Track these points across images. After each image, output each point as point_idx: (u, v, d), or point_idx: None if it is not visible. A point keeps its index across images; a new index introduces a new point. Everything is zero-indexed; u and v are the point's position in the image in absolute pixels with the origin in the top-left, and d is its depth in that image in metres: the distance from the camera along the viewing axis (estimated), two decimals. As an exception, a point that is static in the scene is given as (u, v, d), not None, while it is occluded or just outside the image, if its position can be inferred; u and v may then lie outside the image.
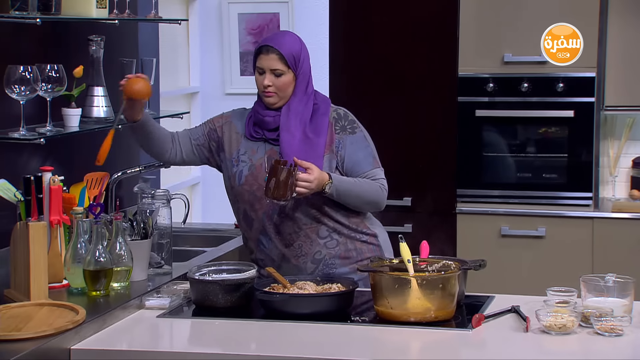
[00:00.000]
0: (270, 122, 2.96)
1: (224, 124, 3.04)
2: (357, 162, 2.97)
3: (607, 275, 2.52)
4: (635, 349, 2.32)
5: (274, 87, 2.92)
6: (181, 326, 2.61)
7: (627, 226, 4.26)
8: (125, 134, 3.11)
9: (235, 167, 2.98)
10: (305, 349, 2.39)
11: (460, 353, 2.37)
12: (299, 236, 2.94)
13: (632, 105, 4.39)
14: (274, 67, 2.91)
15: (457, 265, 2.63)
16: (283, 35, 2.99)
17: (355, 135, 3.00)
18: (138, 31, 3.85)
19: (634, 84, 4.34)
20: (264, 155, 2.94)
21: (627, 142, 4.58)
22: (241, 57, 5.09)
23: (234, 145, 3.00)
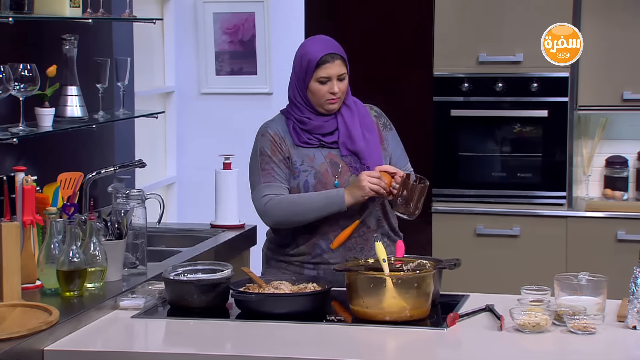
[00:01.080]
0: (327, 126, 2.95)
1: (280, 142, 2.95)
2: (398, 157, 3.05)
3: (580, 274, 2.54)
4: (607, 347, 2.34)
5: (340, 91, 2.93)
6: (156, 326, 2.60)
7: (601, 225, 4.29)
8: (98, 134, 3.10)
9: (296, 178, 2.94)
10: (280, 349, 2.39)
11: (435, 352, 2.38)
12: (363, 239, 2.95)
13: (605, 105, 4.43)
14: (341, 72, 2.93)
15: (432, 265, 2.64)
16: (328, 39, 2.98)
17: (392, 132, 3.09)
18: (112, 30, 3.83)
19: (607, 84, 4.38)
20: (324, 160, 2.93)
21: (601, 141, 4.62)
22: (217, 56, 5.08)
23: (290, 158, 2.96)
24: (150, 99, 4.92)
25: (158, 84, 5.08)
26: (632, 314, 2.42)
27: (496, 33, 4.37)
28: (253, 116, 5.10)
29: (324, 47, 2.92)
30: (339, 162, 2.94)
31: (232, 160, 3.79)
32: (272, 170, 2.93)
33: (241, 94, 5.09)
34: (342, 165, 2.94)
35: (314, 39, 2.99)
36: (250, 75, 5.05)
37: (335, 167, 2.93)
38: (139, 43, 4.41)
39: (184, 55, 5.13)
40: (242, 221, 3.78)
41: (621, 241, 4.24)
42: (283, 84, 5.05)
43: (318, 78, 2.90)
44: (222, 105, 5.12)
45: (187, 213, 5.16)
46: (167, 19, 5.07)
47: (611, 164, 4.59)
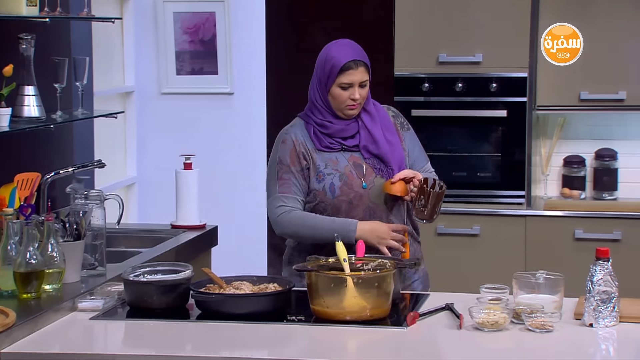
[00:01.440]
0: (348, 130, 2.95)
1: (300, 150, 2.94)
2: (416, 157, 3.05)
3: (538, 272, 2.57)
4: (564, 344, 2.37)
5: (360, 98, 2.92)
6: (115, 328, 2.58)
7: (559, 223, 4.34)
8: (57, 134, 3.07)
9: (321, 181, 2.93)
10: (241, 349, 2.39)
11: (396, 351, 2.39)
12: None
13: (563, 105, 4.48)
14: (363, 79, 2.92)
15: (392, 264, 2.65)
16: (354, 45, 2.96)
17: (410, 131, 3.09)
18: (70, 29, 3.79)
19: (565, 84, 4.43)
20: (348, 163, 2.94)
21: (559, 141, 4.68)
22: (177, 56, 5.05)
23: (312, 161, 2.95)
24: (109, 98, 4.88)
25: (118, 84, 5.04)
26: (589, 312, 2.46)
27: (456, 33, 4.40)
28: (214, 116, 5.11)
29: (348, 53, 2.91)
30: (362, 164, 2.95)
31: (193, 160, 3.77)
32: (290, 180, 2.93)
33: (202, 93, 5.07)
34: (366, 167, 2.95)
35: (340, 43, 2.97)
36: (211, 75, 5.03)
37: (359, 169, 2.94)
38: (97, 42, 4.38)
39: (143, 55, 5.10)
40: (203, 221, 3.76)
41: (579, 240, 4.29)
42: (244, 83, 5.08)
43: (340, 84, 2.91)
44: (182, 105, 5.10)
45: (147, 213, 5.13)
46: (127, 18, 5.03)
47: (569, 164, 4.65)
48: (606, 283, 2.43)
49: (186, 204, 3.72)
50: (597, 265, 2.45)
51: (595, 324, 2.45)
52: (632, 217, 4.28)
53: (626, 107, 4.42)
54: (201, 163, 4.08)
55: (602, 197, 4.59)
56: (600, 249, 2.45)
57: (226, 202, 5.04)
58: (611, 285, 2.44)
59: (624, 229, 4.26)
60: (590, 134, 4.68)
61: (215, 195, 4.95)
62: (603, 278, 2.43)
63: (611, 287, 2.44)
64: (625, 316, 2.49)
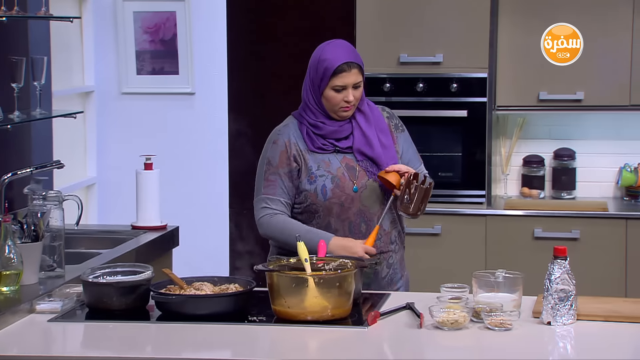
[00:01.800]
0: (342, 132, 2.93)
1: (292, 152, 2.92)
2: (410, 159, 3.04)
3: (497, 271, 2.59)
4: (523, 342, 2.39)
5: (354, 99, 2.90)
6: (74, 330, 2.55)
7: (519, 223, 4.38)
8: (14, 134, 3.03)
9: (313, 183, 2.91)
10: (201, 350, 2.38)
11: (356, 351, 2.40)
12: (381, 242, 2.94)
13: (522, 105, 4.52)
14: (357, 81, 2.89)
15: (353, 264, 2.65)
16: (347, 46, 2.93)
17: (405, 133, 3.08)
18: (28, 29, 3.75)
19: (524, 84, 4.47)
20: (340, 165, 2.92)
21: (518, 141, 4.72)
22: (137, 55, 5.02)
23: (304, 163, 2.93)
24: (69, 98, 4.84)
25: (77, 84, 4.99)
26: (547, 310, 2.48)
27: (417, 34, 4.42)
28: (175, 116, 5.09)
29: (342, 54, 2.88)
30: (355, 166, 2.94)
31: (154, 160, 3.75)
32: (276, 182, 2.92)
33: (163, 93, 5.05)
34: (358, 169, 2.94)
35: (333, 44, 2.93)
36: (171, 75, 5.01)
37: (352, 171, 2.93)
38: (56, 42, 4.33)
39: (103, 55, 5.06)
40: (164, 222, 3.74)
41: (538, 239, 4.33)
42: (205, 83, 5.06)
43: (333, 86, 2.88)
44: (143, 105, 5.07)
45: (107, 214, 5.09)
46: (86, 18, 4.99)
47: (528, 163, 4.70)
48: (564, 281, 2.46)
49: (147, 205, 3.70)
50: (555, 263, 2.47)
51: (553, 322, 2.48)
52: (590, 216, 4.33)
53: (584, 108, 4.47)
54: (162, 163, 4.05)
55: (561, 197, 4.64)
56: (558, 248, 2.48)
57: (187, 202, 5.02)
58: (569, 284, 2.46)
59: (582, 228, 4.32)
60: (549, 134, 4.73)
61: (177, 195, 4.93)
62: (561, 276, 2.46)
63: (569, 286, 2.46)
64: (583, 314, 2.52)
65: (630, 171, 4.56)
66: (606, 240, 4.29)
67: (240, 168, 4.83)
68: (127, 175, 4.23)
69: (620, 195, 4.67)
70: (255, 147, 4.76)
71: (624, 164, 4.61)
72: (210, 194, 5.03)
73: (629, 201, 4.58)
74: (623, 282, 4.28)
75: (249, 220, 4.75)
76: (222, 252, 4.91)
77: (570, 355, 2.38)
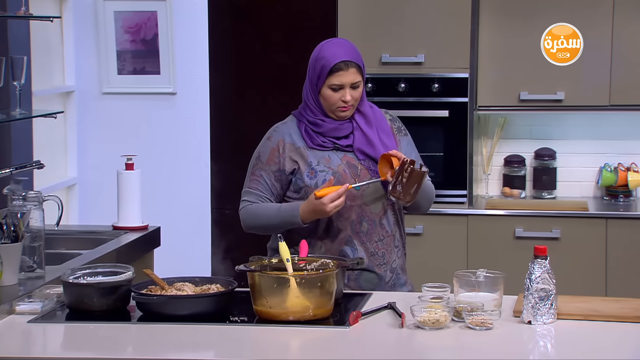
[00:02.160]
0: (342, 130, 2.90)
1: (282, 152, 2.91)
2: None
3: (478, 270, 2.60)
4: (503, 341, 2.40)
5: (353, 99, 2.86)
6: (54, 331, 2.54)
7: (500, 222, 4.40)
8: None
9: (314, 178, 2.88)
10: (183, 351, 2.37)
11: (338, 350, 2.40)
12: (384, 244, 2.91)
13: (503, 105, 4.54)
14: (355, 80, 2.84)
15: (335, 264, 2.65)
16: (347, 45, 2.88)
17: (407, 137, 3.04)
18: (8, 28, 3.72)
19: (505, 84, 4.49)
20: (341, 162, 2.89)
21: (500, 141, 4.74)
22: (118, 55, 5.00)
23: (302, 158, 2.90)
24: (49, 98, 4.81)
25: (57, 84, 4.97)
26: (527, 309, 2.49)
27: (398, 34, 4.43)
28: (156, 116, 5.07)
29: (339, 53, 2.84)
30: (356, 164, 2.90)
31: (135, 160, 3.74)
32: (260, 178, 2.92)
33: (144, 93, 5.03)
34: (360, 168, 2.90)
35: (332, 43, 2.90)
36: (153, 75, 5.00)
37: (353, 169, 2.89)
38: (36, 41, 4.31)
39: (84, 54, 5.03)
40: (145, 222, 3.73)
41: (519, 238, 4.35)
42: (187, 83, 5.05)
43: (330, 85, 2.84)
44: (124, 105, 5.05)
45: (88, 215, 5.07)
46: (66, 17, 4.97)
47: (509, 163, 4.72)
48: (544, 281, 2.47)
49: (128, 205, 3.69)
50: (535, 263, 2.48)
51: (533, 321, 2.49)
52: (570, 215, 4.36)
53: (564, 108, 4.50)
54: (144, 164, 4.04)
55: (542, 196, 4.66)
56: (538, 247, 2.49)
57: (169, 203, 5.00)
58: (549, 283, 2.48)
59: (563, 227, 4.34)
60: (530, 134, 4.76)
61: (158, 196, 4.92)
62: (541, 276, 2.47)
63: (549, 285, 2.48)
64: (563, 313, 2.54)
65: (610, 171, 4.59)
66: (586, 239, 4.32)
67: (221, 168, 4.82)
68: (108, 175, 4.22)
69: (600, 195, 4.70)
70: (237, 147, 4.77)
71: (604, 163, 4.64)
72: (191, 194, 5.02)
73: (608, 201, 4.61)
74: (603, 281, 4.31)
75: (230, 221, 4.75)
76: (203, 252, 4.90)
77: (551, 354, 2.40)
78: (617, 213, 4.36)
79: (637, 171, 4.60)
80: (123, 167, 3.71)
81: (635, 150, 4.67)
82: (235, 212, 3.02)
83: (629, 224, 4.31)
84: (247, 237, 4.72)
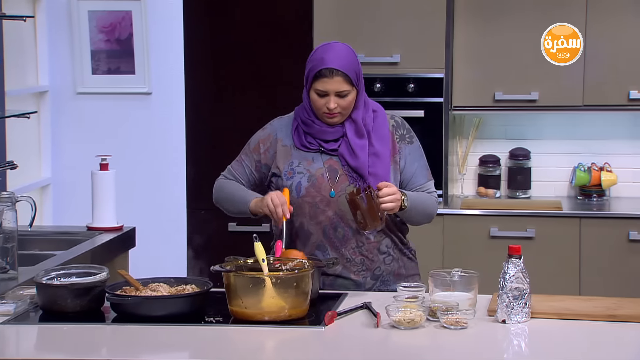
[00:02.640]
0: (330, 133, 2.86)
1: (269, 147, 2.91)
2: (413, 173, 2.91)
3: (453, 270, 2.61)
4: (478, 340, 2.41)
5: (339, 107, 2.81)
6: (28, 332, 2.52)
7: (475, 222, 4.42)
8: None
9: (290, 179, 2.86)
10: (158, 352, 2.36)
11: (313, 350, 2.40)
12: (362, 251, 2.87)
13: (478, 106, 4.56)
14: (340, 89, 2.78)
15: (310, 264, 2.65)
16: (339, 51, 2.80)
17: (412, 145, 2.94)
18: (-19, 27, 3.69)
19: (480, 84, 4.52)
20: (323, 166, 2.86)
21: (475, 141, 4.76)
22: (93, 55, 4.97)
23: (285, 159, 2.89)
24: (23, 98, 4.78)
25: (31, 83, 4.93)
26: (502, 308, 2.51)
27: (374, 34, 4.44)
28: (131, 116, 5.05)
29: (327, 59, 2.78)
30: (338, 169, 2.87)
31: (110, 161, 3.72)
32: (243, 162, 2.97)
33: (119, 93, 5.00)
34: (340, 173, 2.86)
35: (326, 47, 2.83)
36: (128, 75, 4.97)
37: (333, 174, 2.86)
38: (9, 41, 4.28)
39: (58, 54, 5.00)
40: (120, 223, 3.71)
41: (494, 237, 4.37)
42: (162, 83, 5.03)
43: (315, 89, 2.81)
44: (99, 105, 5.02)
45: (63, 215, 5.03)
46: (40, 17, 4.93)
47: (484, 163, 4.74)
48: (518, 280, 2.49)
49: (103, 206, 3.67)
50: (510, 262, 2.50)
51: (507, 320, 2.50)
52: (545, 215, 4.39)
53: (538, 108, 4.53)
54: (118, 164, 4.02)
55: (516, 196, 4.69)
56: (512, 247, 2.50)
57: (144, 203, 4.98)
58: (523, 282, 2.49)
59: (537, 227, 4.36)
60: (505, 134, 4.78)
61: (133, 196, 4.89)
62: (515, 275, 2.49)
63: (523, 284, 2.49)
64: (537, 312, 2.55)
65: (583, 171, 4.63)
66: (560, 238, 4.35)
67: (197, 168, 4.80)
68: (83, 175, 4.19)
69: (574, 195, 4.73)
70: (213, 147, 4.76)
71: (578, 163, 4.68)
72: (167, 194, 5.00)
73: (582, 200, 4.65)
74: (577, 279, 4.34)
75: (206, 221, 4.73)
76: (179, 253, 4.88)
77: (524, 352, 2.41)
78: (590, 212, 4.39)
79: (610, 171, 4.64)
80: (98, 167, 3.69)
81: (609, 150, 4.71)
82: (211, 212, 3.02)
83: (602, 223, 4.35)
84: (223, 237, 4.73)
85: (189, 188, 4.85)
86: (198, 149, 4.82)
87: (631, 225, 4.30)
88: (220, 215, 3.23)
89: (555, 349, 2.37)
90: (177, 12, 4.78)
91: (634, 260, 4.30)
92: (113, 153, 3.96)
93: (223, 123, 4.69)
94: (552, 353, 2.34)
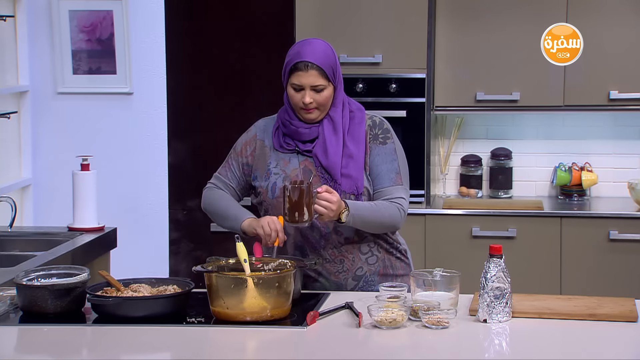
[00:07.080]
0: (305, 134, 2.84)
1: (254, 148, 2.91)
2: (378, 174, 2.86)
3: (435, 269, 2.62)
4: (459, 340, 2.42)
5: (315, 102, 2.79)
6: (7, 334, 2.50)
7: (457, 222, 4.43)
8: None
9: (267, 180, 2.86)
10: (140, 353, 2.36)
11: (295, 350, 2.40)
12: (341, 251, 2.85)
13: (460, 106, 4.57)
14: (315, 83, 2.78)
15: (292, 264, 2.65)
16: (315, 46, 2.80)
17: (385, 146, 2.88)
18: (-40, 27, 3.67)
19: (462, 84, 4.53)
20: (299, 166, 2.85)
21: (457, 141, 4.78)
22: (74, 55, 4.94)
23: (264, 160, 2.89)
24: (2, 98, 4.74)
25: (11, 83, 4.90)
26: (483, 308, 2.51)
27: (356, 34, 4.44)
28: (112, 116, 5.02)
29: (303, 53, 2.78)
30: (313, 170, 2.85)
31: (91, 161, 3.70)
32: (231, 166, 2.96)
33: (100, 93, 4.98)
34: (314, 174, 2.85)
35: (305, 42, 2.83)
36: (109, 75, 4.94)
37: (307, 174, 2.85)
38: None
39: (38, 54, 4.97)
40: (101, 223, 3.70)
41: (476, 237, 4.39)
42: (144, 83, 5.01)
43: (292, 84, 2.81)
44: (80, 105, 4.99)
45: (43, 216, 5.00)
46: (20, 16, 4.89)
47: (466, 163, 4.76)
48: (499, 279, 2.49)
49: (84, 206, 3.65)
50: (491, 262, 2.51)
51: (489, 320, 2.51)
52: (526, 214, 4.40)
53: (520, 108, 4.54)
54: (99, 164, 4.00)
55: (498, 196, 4.71)
56: (494, 246, 2.51)
57: (126, 203, 4.96)
58: (504, 282, 2.50)
59: (519, 226, 4.38)
60: (487, 134, 4.80)
61: (114, 196, 4.87)
62: (496, 274, 2.49)
63: (504, 284, 2.50)
64: (518, 311, 2.56)
65: (564, 170, 4.65)
66: (541, 238, 4.37)
67: (179, 169, 4.79)
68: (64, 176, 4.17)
69: (555, 194, 4.76)
70: (194, 147, 4.74)
71: (559, 163, 4.70)
72: (148, 194, 4.98)
73: (563, 200, 4.67)
74: (558, 279, 4.36)
75: (188, 221, 4.72)
76: (161, 253, 4.86)
77: (505, 352, 2.42)
78: (571, 212, 4.41)
79: (590, 171, 4.66)
80: (79, 167, 3.68)
81: (589, 150, 4.74)
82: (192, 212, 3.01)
83: (582, 222, 4.37)
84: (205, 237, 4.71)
85: (171, 188, 4.84)
86: (179, 149, 4.81)
87: (611, 224, 4.33)
88: (201, 216, 3.22)
89: (536, 348, 2.38)
90: (158, 12, 4.77)
91: (615, 259, 4.32)
92: (94, 153, 3.94)
93: (204, 123, 4.68)
94: (533, 352, 2.35)
